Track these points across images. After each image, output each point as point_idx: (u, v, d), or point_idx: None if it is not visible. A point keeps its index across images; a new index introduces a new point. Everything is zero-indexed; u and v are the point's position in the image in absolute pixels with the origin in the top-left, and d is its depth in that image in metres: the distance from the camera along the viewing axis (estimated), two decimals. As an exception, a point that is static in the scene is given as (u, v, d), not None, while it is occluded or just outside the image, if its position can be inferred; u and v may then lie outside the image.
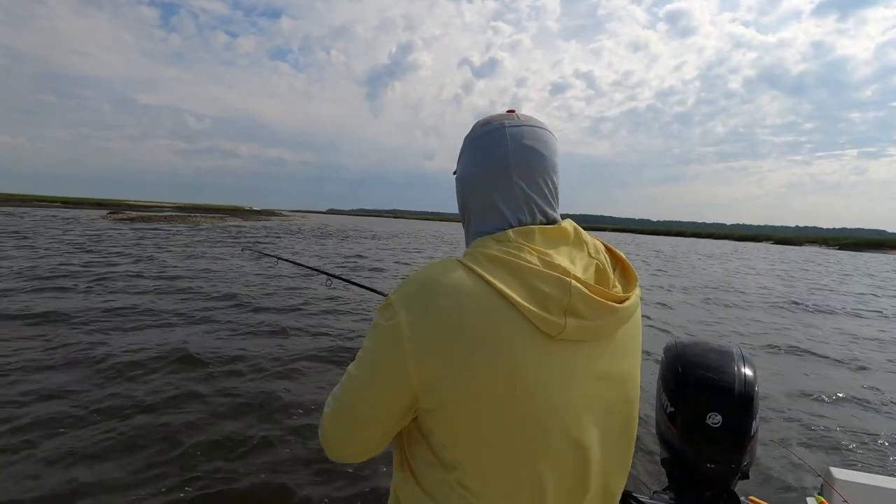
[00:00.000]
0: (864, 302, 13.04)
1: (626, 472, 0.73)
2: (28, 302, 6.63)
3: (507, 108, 0.75)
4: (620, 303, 0.64)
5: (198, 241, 19.16)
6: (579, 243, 0.68)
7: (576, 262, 0.66)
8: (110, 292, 7.73)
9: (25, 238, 16.08)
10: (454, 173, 0.80)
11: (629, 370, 0.69)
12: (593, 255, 0.68)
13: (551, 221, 0.70)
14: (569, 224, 0.70)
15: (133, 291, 7.89)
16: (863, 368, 6.17)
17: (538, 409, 0.60)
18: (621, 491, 0.73)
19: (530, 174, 0.69)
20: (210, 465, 2.87)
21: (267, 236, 25.82)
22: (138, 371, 4.30)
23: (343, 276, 1.92)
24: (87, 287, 8.04)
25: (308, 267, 2.31)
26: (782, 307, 10.97)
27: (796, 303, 11.66)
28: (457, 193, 0.79)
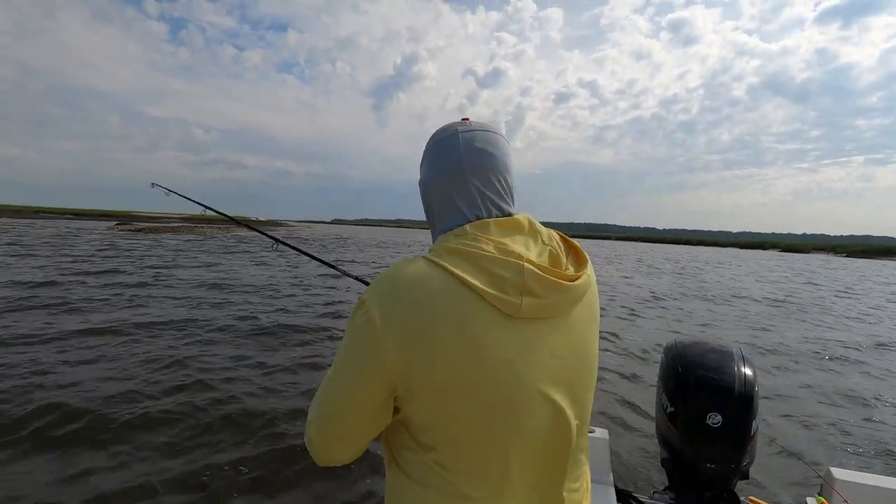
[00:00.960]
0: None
1: (586, 436, 0.79)
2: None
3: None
4: (572, 281, 0.70)
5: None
6: (533, 233, 0.74)
7: (530, 248, 0.71)
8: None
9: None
10: (419, 182, 0.86)
11: (586, 344, 0.75)
12: (546, 242, 0.74)
13: (506, 215, 0.76)
14: (523, 216, 0.76)
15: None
16: (865, 369, 6.13)
17: (504, 385, 0.65)
18: (586, 451, 0.80)
19: (483, 174, 0.76)
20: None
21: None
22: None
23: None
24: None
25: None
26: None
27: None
28: (421, 198, 0.85)
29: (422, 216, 0.87)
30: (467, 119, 0.81)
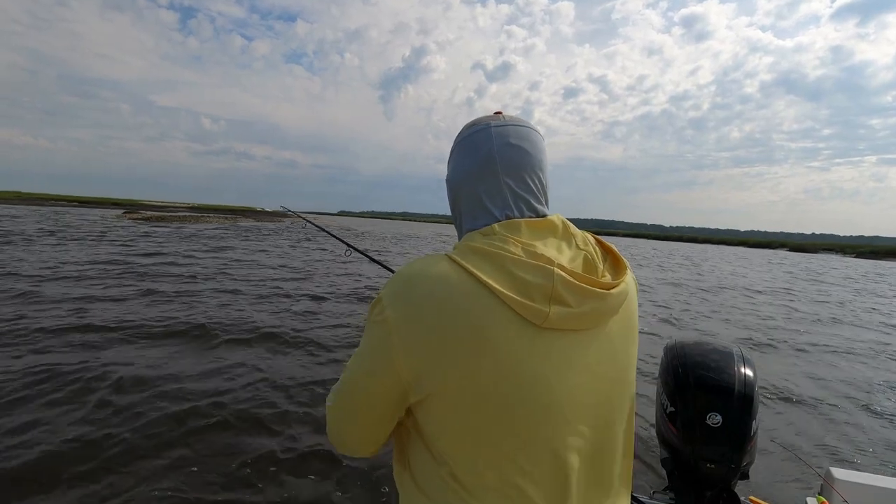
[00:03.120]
0: None
1: (630, 459, 0.72)
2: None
3: (514, 112, 0.77)
4: (608, 290, 0.63)
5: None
6: (567, 236, 0.69)
7: (563, 252, 0.66)
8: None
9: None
10: (446, 179, 0.82)
11: (624, 360, 0.68)
12: (581, 246, 0.69)
13: (539, 216, 0.71)
14: (557, 218, 0.70)
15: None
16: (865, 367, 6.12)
17: (527, 400, 0.60)
18: (628, 482, 0.72)
19: (517, 171, 0.71)
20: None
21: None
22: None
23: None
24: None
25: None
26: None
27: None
28: (448, 196, 0.80)
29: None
30: (500, 112, 0.76)
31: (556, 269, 0.61)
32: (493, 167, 0.71)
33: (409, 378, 0.62)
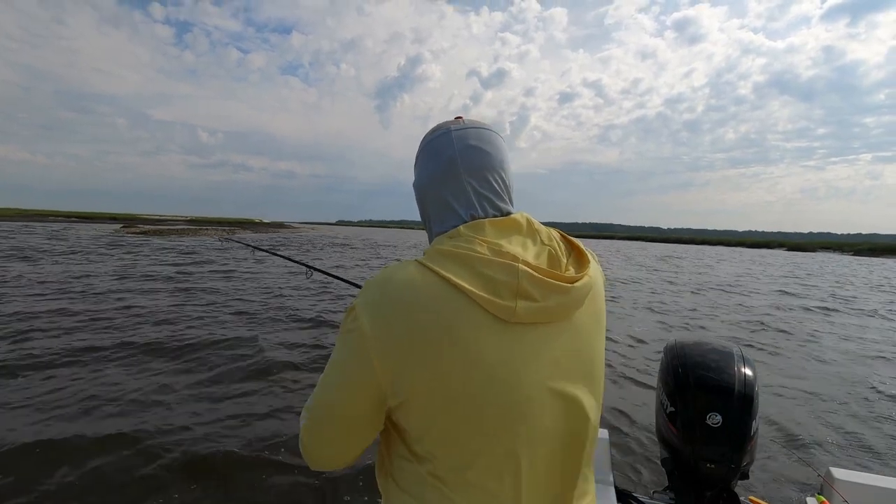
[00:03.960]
0: None
1: (594, 447, 0.74)
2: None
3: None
4: (572, 283, 0.66)
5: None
6: (532, 232, 0.71)
7: (528, 249, 0.68)
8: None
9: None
10: (413, 184, 0.84)
11: (590, 352, 0.70)
12: (546, 242, 0.71)
13: (504, 214, 0.73)
14: (520, 215, 0.72)
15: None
16: (866, 367, 6.12)
17: (500, 395, 0.62)
18: (591, 468, 0.75)
19: (478, 172, 0.73)
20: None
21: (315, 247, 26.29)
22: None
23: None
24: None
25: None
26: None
27: None
28: (416, 201, 0.82)
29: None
30: (461, 118, 0.79)
31: (520, 265, 0.63)
32: (455, 169, 0.73)
33: (385, 383, 0.63)
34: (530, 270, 0.63)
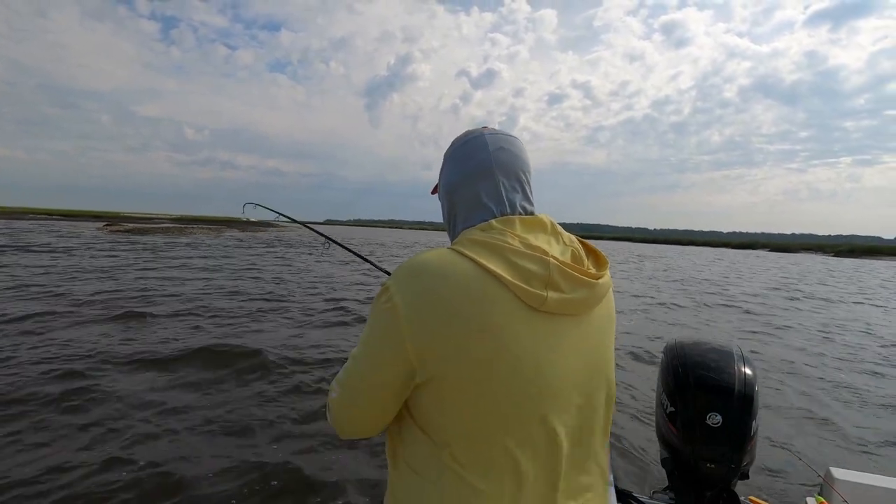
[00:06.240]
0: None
1: (607, 437, 0.79)
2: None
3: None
4: (596, 279, 0.71)
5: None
6: (555, 233, 0.76)
7: (552, 246, 0.73)
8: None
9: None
10: (431, 192, 0.93)
11: (604, 347, 0.75)
12: (567, 243, 0.76)
13: (529, 214, 0.78)
14: (545, 217, 0.78)
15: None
16: (867, 367, 6.20)
17: (525, 378, 0.65)
18: (606, 461, 0.79)
19: (511, 172, 0.80)
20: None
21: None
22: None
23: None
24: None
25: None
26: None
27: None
28: (443, 202, 0.88)
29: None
30: (486, 127, 0.86)
31: (550, 258, 0.67)
32: (489, 167, 0.79)
33: (416, 359, 0.65)
34: (559, 264, 0.67)
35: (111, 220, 63.23)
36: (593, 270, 0.73)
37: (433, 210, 0.96)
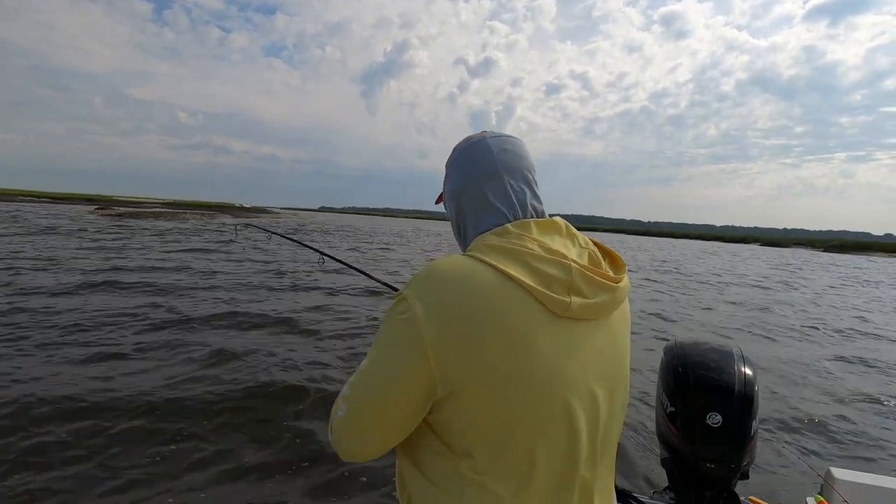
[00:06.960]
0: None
1: (616, 446, 0.80)
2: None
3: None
4: (616, 283, 0.70)
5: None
6: (571, 235, 0.74)
7: (569, 249, 0.71)
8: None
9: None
10: (436, 202, 0.91)
11: (623, 350, 0.74)
12: (584, 245, 0.74)
13: (540, 215, 0.77)
14: (559, 219, 0.76)
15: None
16: (867, 367, 6.25)
17: (547, 384, 0.63)
18: (613, 467, 0.81)
19: (518, 173, 0.79)
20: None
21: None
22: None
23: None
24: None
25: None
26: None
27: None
28: (450, 209, 0.85)
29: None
30: (487, 131, 0.84)
31: (571, 262, 0.66)
32: (495, 169, 0.78)
33: (439, 371, 0.62)
34: (581, 269, 0.66)
35: (103, 203, 62.50)
36: (612, 273, 0.72)
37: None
